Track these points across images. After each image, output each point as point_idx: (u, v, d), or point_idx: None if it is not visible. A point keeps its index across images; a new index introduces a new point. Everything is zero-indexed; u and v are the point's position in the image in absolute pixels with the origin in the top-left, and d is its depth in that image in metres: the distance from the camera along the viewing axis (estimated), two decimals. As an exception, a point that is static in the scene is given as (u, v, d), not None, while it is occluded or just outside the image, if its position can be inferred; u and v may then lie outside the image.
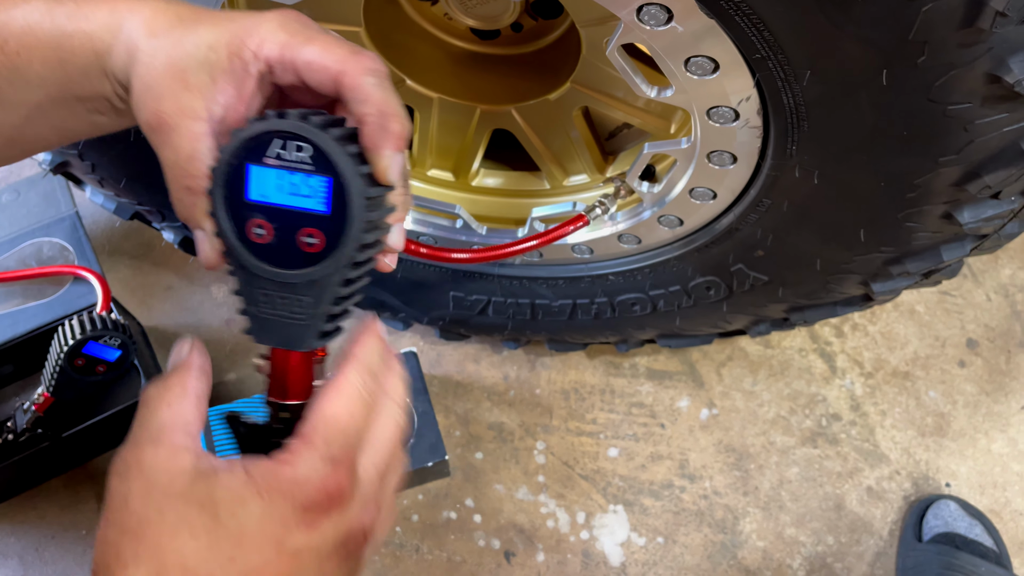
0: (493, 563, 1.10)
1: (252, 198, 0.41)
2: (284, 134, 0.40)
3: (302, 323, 0.42)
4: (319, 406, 0.40)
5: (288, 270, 0.42)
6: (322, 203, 0.40)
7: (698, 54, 0.59)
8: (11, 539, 1.10)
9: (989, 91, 0.51)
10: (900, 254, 0.72)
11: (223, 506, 0.37)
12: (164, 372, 0.43)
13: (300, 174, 0.40)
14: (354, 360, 0.42)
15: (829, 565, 1.09)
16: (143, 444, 0.39)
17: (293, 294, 0.42)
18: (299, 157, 0.40)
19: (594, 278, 0.94)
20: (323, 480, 0.38)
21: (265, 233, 0.41)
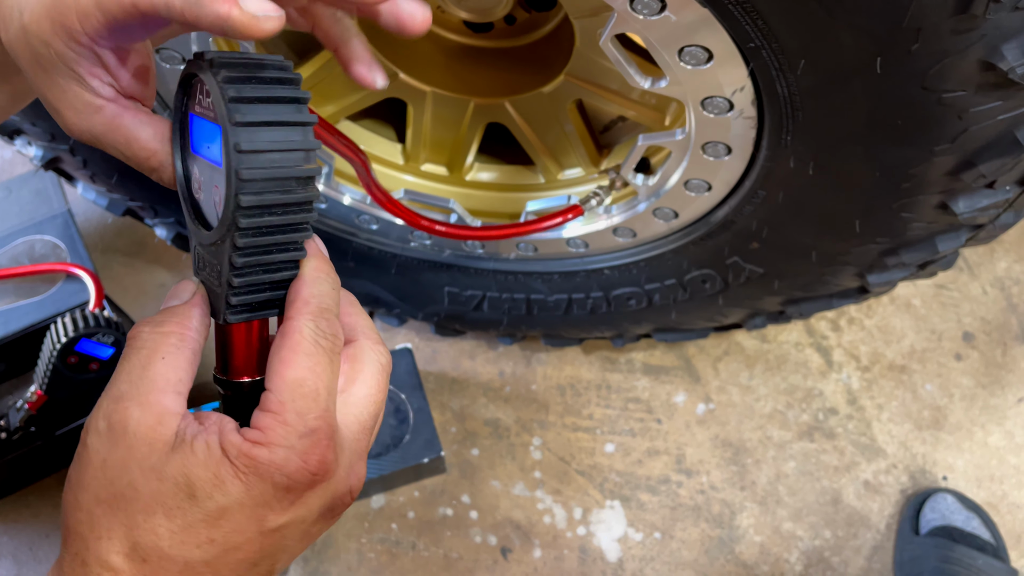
0: (490, 559, 1.09)
1: (193, 149, 0.38)
2: (198, 79, 0.36)
3: (216, 292, 0.38)
4: (279, 370, 0.37)
5: (202, 229, 0.37)
6: (218, 155, 0.35)
7: (692, 44, 0.59)
8: (4, 538, 1.09)
9: (983, 79, 0.51)
10: (895, 245, 0.72)
11: (200, 487, 0.35)
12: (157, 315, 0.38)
13: (209, 123, 0.36)
14: (301, 304, 0.38)
15: (826, 559, 1.09)
16: (128, 401, 0.36)
17: (212, 258, 0.38)
18: (208, 104, 0.36)
19: (589, 272, 0.93)
20: (303, 458, 0.36)
21: (198, 187, 0.38)
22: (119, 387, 0.36)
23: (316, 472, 0.37)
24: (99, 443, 0.36)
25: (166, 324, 0.38)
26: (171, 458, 0.35)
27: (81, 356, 1.00)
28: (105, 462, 0.36)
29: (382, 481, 1.07)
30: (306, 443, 0.36)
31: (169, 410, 0.36)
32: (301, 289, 0.38)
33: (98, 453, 0.36)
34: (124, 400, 0.36)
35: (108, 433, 0.36)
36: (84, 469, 0.36)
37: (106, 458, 0.36)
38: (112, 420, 0.36)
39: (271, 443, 0.36)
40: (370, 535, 1.10)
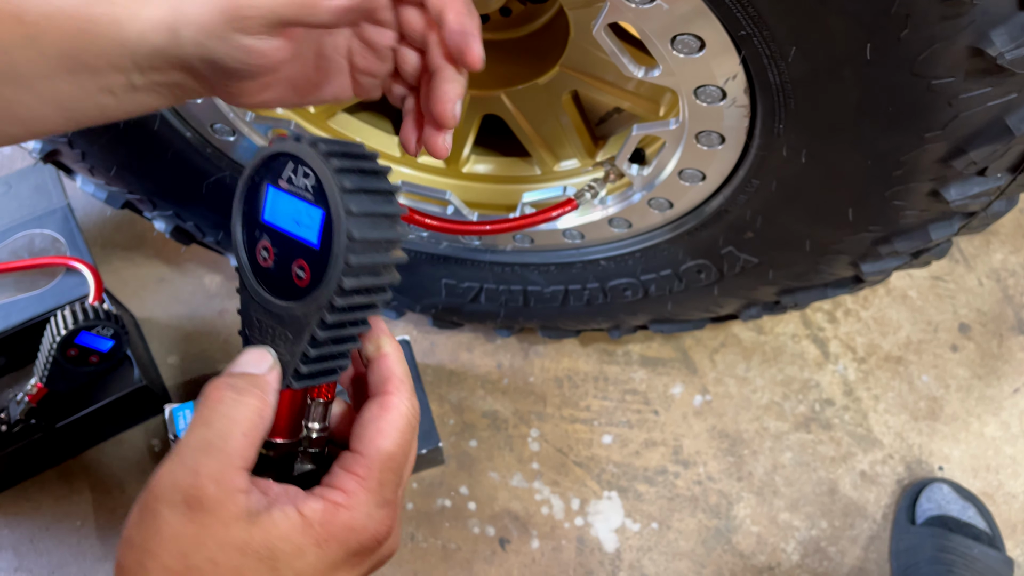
0: (488, 550, 1.10)
1: (266, 219, 0.40)
2: (294, 158, 0.38)
3: (282, 358, 0.40)
4: (375, 440, 0.39)
5: (277, 299, 0.40)
6: (315, 236, 0.38)
7: (684, 32, 0.59)
8: (5, 531, 1.10)
9: (972, 64, 0.51)
10: (888, 233, 0.72)
11: (281, 558, 0.36)
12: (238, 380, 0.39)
13: (303, 202, 0.38)
14: (399, 383, 0.40)
15: (823, 549, 1.10)
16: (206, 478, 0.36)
17: (279, 325, 0.40)
18: (304, 184, 0.38)
19: (585, 263, 0.94)
20: (377, 526, 0.38)
21: (268, 257, 0.40)
22: (196, 457, 0.37)
23: (381, 538, 0.39)
24: (172, 516, 0.36)
25: (248, 394, 0.38)
26: (252, 533, 0.36)
27: (81, 349, 1.01)
28: (178, 535, 0.36)
29: (380, 472, 1.07)
30: (382, 513, 0.38)
31: (241, 487, 0.37)
32: (395, 367, 0.41)
33: (170, 525, 0.36)
34: (201, 475, 0.36)
35: (184, 507, 0.36)
36: (153, 537, 0.36)
37: (180, 531, 0.36)
38: (188, 495, 0.36)
39: (354, 507, 0.37)
40: (369, 526, 1.11)
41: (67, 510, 1.11)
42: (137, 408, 1.13)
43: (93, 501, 1.12)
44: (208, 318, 1.23)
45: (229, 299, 1.24)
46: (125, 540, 0.37)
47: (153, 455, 1.14)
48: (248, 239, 0.41)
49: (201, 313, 1.23)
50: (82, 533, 1.10)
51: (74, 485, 1.12)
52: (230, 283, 1.25)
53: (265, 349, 0.40)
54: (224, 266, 1.26)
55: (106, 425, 1.13)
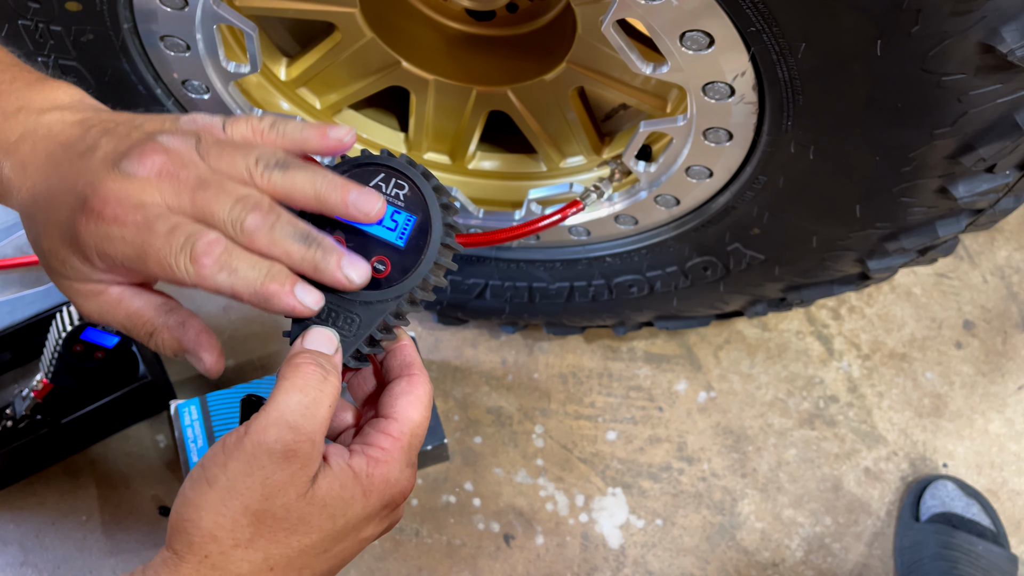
0: (492, 546, 1.10)
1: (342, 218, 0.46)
2: (391, 170, 0.46)
3: (345, 338, 0.46)
4: (406, 410, 0.45)
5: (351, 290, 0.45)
6: (400, 238, 0.46)
7: (693, 28, 0.59)
8: (11, 526, 1.10)
9: (982, 61, 0.51)
10: (896, 230, 0.72)
11: (338, 506, 0.42)
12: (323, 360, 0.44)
13: (390, 207, 0.46)
14: (422, 368, 0.48)
15: (827, 545, 1.10)
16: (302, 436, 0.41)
17: (346, 311, 0.46)
18: (395, 193, 0.46)
19: (591, 260, 0.94)
20: (405, 482, 0.45)
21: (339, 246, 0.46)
22: (295, 417, 0.41)
23: (406, 494, 0.45)
24: (270, 463, 0.40)
25: (332, 376, 0.44)
26: (319, 484, 0.42)
27: (87, 344, 1.01)
28: (267, 480, 0.40)
29: (385, 468, 1.07)
30: (409, 472, 0.45)
31: (321, 444, 0.43)
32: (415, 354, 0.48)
33: (263, 470, 0.40)
34: (300, 433, 0.41)
35: (281, 458, 0.40)
36: (244, 478, 0.40)
37: (269, 477, 0.40)
38: (288, 448, 0.41)
39: (389, 462, 0.44)
40: (374, 522, 1.11)
41: (72, 505, 1.11)
42: (143, 404, 1.13)
43: (99, 496, 1.12)
44: (212, 314, 1.23)
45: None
46: (207, 479, 0.41)
47: (158, 451, 1.14)
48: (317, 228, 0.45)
49: (205, 309, 1.23)
50: (88, 528, 1.10)
51: (79, 480, 1.13)
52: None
53: (331, 331, 0.45)
54: (229, 262, 1.26)
55: (111, 421, 1.13)
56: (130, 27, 0.72)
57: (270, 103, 0.89)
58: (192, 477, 0.41)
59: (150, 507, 1.11)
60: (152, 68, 0.77)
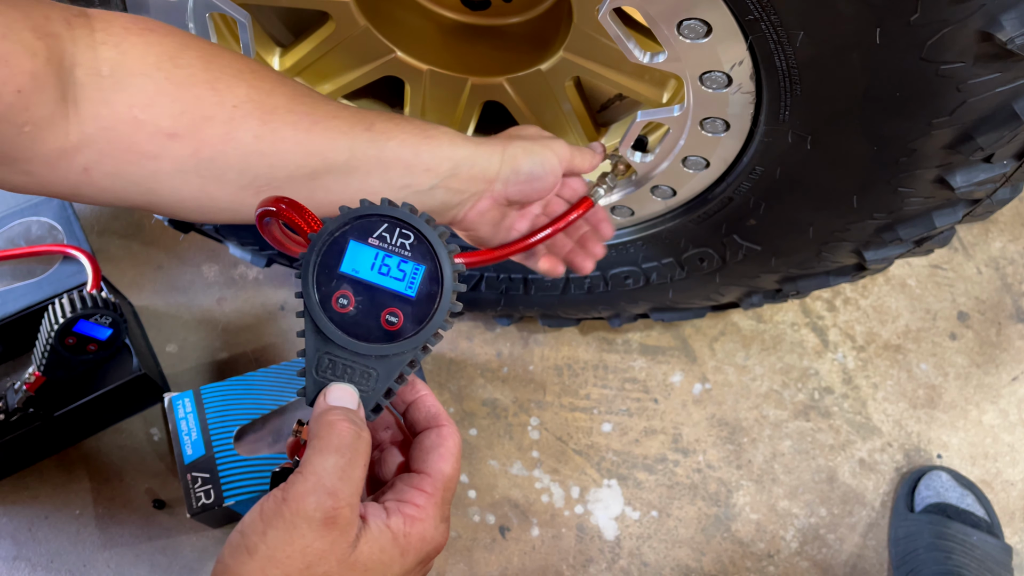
0: (488, 538, 1.10)
1: (344, 270, 0.46)
2: (394, 220, 0.45)
3: (363, 394, 0.46)
4: (439, 464, 0.46)
5: (364, 342, 0.46)
6: (411, 288, 0.45)
7: (690, 17, 0.59)
8: (4, 519, 1.10)
9: (981, 49, 0.51)
10: (892, 220, 0.72)
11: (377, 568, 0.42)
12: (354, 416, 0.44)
13: (397, 257, 0.45)
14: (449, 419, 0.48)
15: (822, 536, 1.10)
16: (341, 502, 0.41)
17: (362, 365, 0.46)
18: (400, 243, 0.45)
19: (587, 251, 0.93)
20: (440, 538, 0.45)
21: (348, 304, 0.46)
22: (334, 482, 0.41)
23: (440, 549, 0.45)
24: (309, 531, 0.40)
25: (364, 431, 0.44)
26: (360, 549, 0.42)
27: (79, 337, 1.00)
28: (308, 548, 0.40)
29: (381, 461, 1.07)
30: (444, 527, 0.45)
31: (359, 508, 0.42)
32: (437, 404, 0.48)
33: (305, 538, 0.40)
34: (339, 499, 0.41)
35: (321, 525, 0.40)
36: (284, 547, 0.40)
37: (312, 546, 0.40)
38: (327, 515, 0.40)
39: (425, 519, 0.44)
40: (369, 515, 1.11)
41: (66, 499, 1.11)
42: (136, 397, 1.12)
43: (92, 490, 1.11)
44: (206, 306, 1.22)
45: (227, 287, 1.24)
46: (247, 548, 0.40)
47: (152, 444, 1.14)
48: (323, 290, 0.46)
49: (199, 302, 1.22)
50: (81, 521, 1.10)
51: (73, 474, 1.12)
52: (228, 272, 1.25)
53: (350, 386, 0.46)
54: (222, 255, 1.25)
55: (105, 414, 1.12)
56: (121, 15, 0.71)
57: (263, 93, 0.88)
58: (231, 544, 0.41)
59: (144, 500, 1.11)
60: (144, 57, 0.76)
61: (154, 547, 1.08)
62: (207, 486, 1.00)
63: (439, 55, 0.87)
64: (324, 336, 0.46)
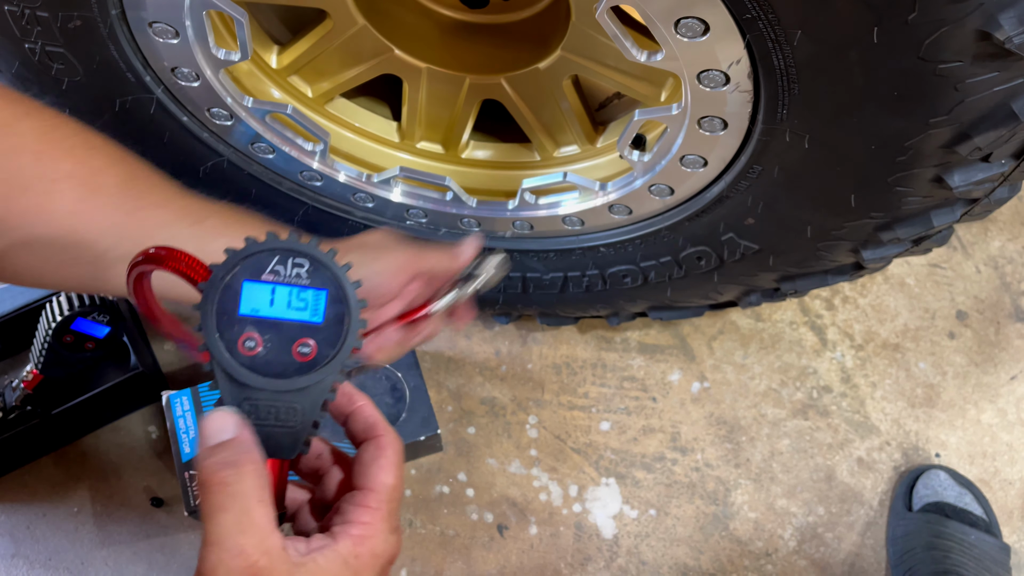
0: (486, 536, 1.10)
1: (244, 312, 0.43)
2: (284, 251, 0.44)
3: (291, 430, 0.45)
4: (380, 477, 0.45)
5: (280, 379, 0.44)
6: (317, 314, 0.44)
7: (688, 15, 0.59)
8: (1, 517, 1.10)
9: (979, 48, 0.51)
10: (890, 220, 0.72)
11: None
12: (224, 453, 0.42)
13: (295, 288, 0.44)
14: (387, 427, 0.47)
15: (820, 535, 1.10)
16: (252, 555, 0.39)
17: (283, 403, 0.45)
18: (296, 272, 0.44)
19: (585, 250, 0.93)
20: (392, 550, 0.44)
21: (256, 345, 0.44)
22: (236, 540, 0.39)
23: (393, 559, 0.45)
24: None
25: (242, 463, 0.41)
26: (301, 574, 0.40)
27: (77, 335, 1.00)
28: None
29: (379, 459, 1.07)
30: (394, 538, 0.45)
31: (281, 547, 0.41)
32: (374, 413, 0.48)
33: None
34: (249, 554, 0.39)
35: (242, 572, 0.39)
36: None
37: None
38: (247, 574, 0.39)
39: (374, 536, 0.43)
40: (367, 513, 1.11)
41: (64, 497, 1.11)
42: (134, 395, 1.12)
43: (90, 488, 1.11)
44: (205, 304, 1.22)
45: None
46: None
47: (150, 442, 1.14)
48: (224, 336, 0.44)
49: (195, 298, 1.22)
50: (79, 519, 1.10)
51: (71, 472, 1.12)
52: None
53: (227, 411, 0.43)
54: (220, 252, 1.25)
55: (103, 412, 1.12)
56: (118, 13, 0.71)
57: (261, 91, 0.88)
58: None
59: (142, 498, 1.11)
60: (141, 55, 0.76)
61: (152, 545, 1.08)
62: (205, 484, 1.00)
63: (437, 53, 0.87)
64: (239, 383, 0.44)
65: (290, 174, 0.92)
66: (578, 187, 0.87)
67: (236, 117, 0.84)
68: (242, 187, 0.94)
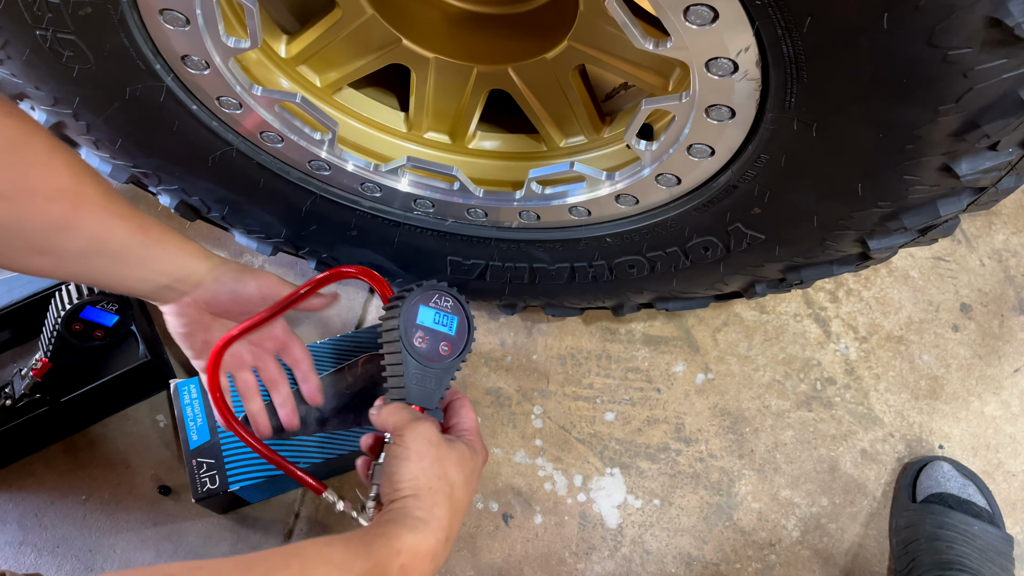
0: (491, 525, 1.11)
1: (420, 322, 0.83)
2: (444, 292, 0.85)
3: (435, 391, 0.82)
4: (470, 416, 0.83)
5: (433, 363, 0.82)
6: (452, 330, 0.85)
7: (698, 2, 0.59)
8: (10, 505, 1.10)
9: (989, 35, 0.51)
10: (897, 209, 0.72)
11: (467, 463, 0.76)
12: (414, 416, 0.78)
13: (444, 314, 0.84)
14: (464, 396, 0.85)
15: (823, 526, 1.11)
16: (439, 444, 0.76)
17: (433, 375, 0.82)
18: (445, 305, 0.85)
19: (591, 240, 0.94)
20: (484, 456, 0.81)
21: (422, 342, 0.82)
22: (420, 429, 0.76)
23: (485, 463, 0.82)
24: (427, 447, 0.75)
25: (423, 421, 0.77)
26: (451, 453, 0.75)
27: (86, 323, 1.01)
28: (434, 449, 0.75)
29: (385, 448, 1.08)
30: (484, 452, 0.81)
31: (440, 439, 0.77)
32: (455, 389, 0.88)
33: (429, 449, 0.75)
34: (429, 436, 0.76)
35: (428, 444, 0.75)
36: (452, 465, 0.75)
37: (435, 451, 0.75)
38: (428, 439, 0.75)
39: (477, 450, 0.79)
40: (373, 502, 1.11)
41: (72, 484, 1.11)
42: (142, 383, 1.13)
43: (98, 476, 1.12)
44: (212, 294, 1.23)
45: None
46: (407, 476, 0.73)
47: (158, 430, 1.14)
48: (407, 334, 0.81)
49: (204, 289, 1.23)
50: (87, 507, 1.10)
51: (79, 460, 1.13)
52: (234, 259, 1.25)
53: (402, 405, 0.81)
54: (228, 243, 1.26)
55: (111, 400, 1.13)
56: (129, 0, 0.71)
57: (270, 81, 0.89)
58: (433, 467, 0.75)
59: (150, 486, 1.11)
60: (151, 43, 0.77)
61: (160, 532, 1.08)
62: (212, 471, 1.01)
63: (445, 43, 0.87)
64: (415, 360, 0.81)
65: (298, 163, 0.93)
66: (585, 177, 0.87)
67: (245, 106, 0.84)
68: (251, 176, 0.94)
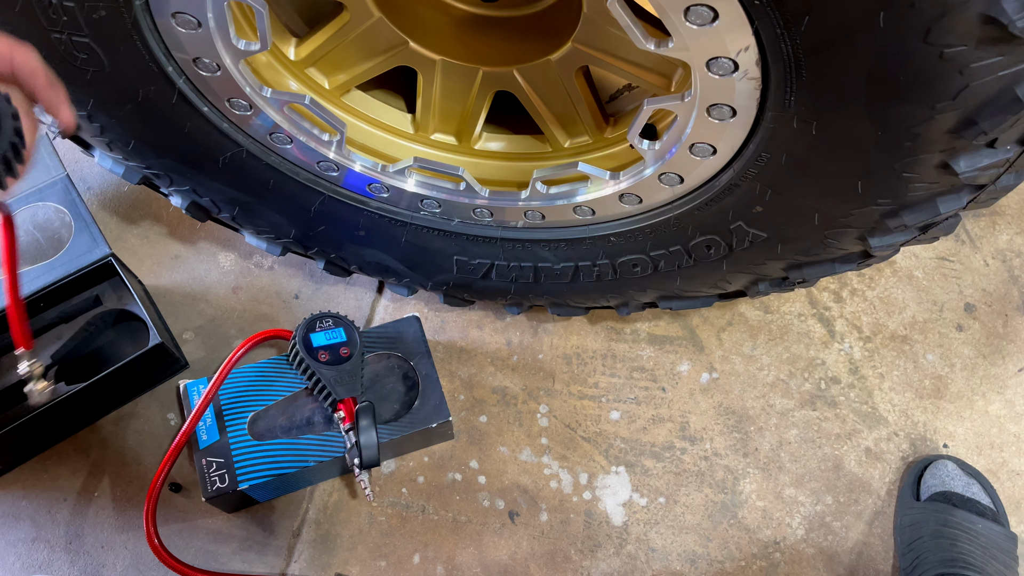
0: (497, 523, 1.12)
1: (316, 345, 1.04)
2: (322, 316, 1.06)
3: (354, 383, 1.03)
4: None
5: (342, 364, 1.03)
6: (343, 336, 1.05)
7: (698, 3, 0.60)
8: (23, 501, 1.12)
9: (984, 33, 0.52)
10: (897, 206, 0.73)
11: None
12: None
13: (330, 330, 1.05)
14: None
15: (828, 524, 1.11)
16: None
17: (347, 373, 1.03)
18: (327, 324, 1.06)
19: (595, 239, 0.95)
20: None
21: (325, 357, 1.03)
22: None
23: None
24: None
25: None
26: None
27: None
28: None
29: (392, 446, 1.09)
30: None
31: None
32: None
33: None
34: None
35: None
36: None
37: None
38: None
39: None
40: (381, 499, 1.12)
41: (84, 482, 1.13)
42: (154, 369, 1.14)
43: (110, 473, 1.13)
44: (222, 295, 1.24)
45: (243, 276, 1.26)
46: None
47: (168, 429, 1.16)
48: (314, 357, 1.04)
49: (215, 290, 1.24)
50: (99, 504, 1.12)
51: (91, 458, 1.14)
52: (244, 260, 1.27)
53: None
54: (238, 243, 1.27)
55: (122, 389, 1.14)
56: (142, 4, 0.73)
57: (279, 83, 0.90)
58: None
59: (160, 484, 1.13)
60: (163, 45, 0.78)
61: (170, 530, 1.10)
62: (222, 471, 1.02)
63: (451, 46, 0.89)
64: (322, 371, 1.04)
65: (307, 164, 0.94)
66: (589, 177, 0.88)
67: (255, 107, 0.86)
68: (260, 177, 0.96)
